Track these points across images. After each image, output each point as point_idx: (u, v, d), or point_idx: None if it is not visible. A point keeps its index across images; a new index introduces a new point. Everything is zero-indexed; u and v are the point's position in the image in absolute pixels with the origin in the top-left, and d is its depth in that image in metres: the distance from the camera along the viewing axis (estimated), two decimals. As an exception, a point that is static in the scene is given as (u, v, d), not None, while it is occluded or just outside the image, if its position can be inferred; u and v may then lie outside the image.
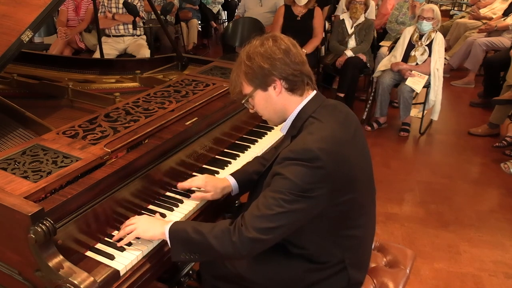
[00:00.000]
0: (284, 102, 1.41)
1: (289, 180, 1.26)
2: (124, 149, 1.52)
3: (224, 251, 1.30)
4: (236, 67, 1.43)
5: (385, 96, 4.21)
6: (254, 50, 1.37)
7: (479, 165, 3.79)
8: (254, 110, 1.48)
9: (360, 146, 1.43)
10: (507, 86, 4.18)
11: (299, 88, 1.40)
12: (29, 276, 1.23)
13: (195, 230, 1.34)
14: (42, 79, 2.37)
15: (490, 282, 2.43)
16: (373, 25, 4.65)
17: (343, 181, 1.31)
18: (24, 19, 1.75)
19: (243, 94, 1.45)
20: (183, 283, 1.88)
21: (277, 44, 1.35)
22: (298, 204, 1.26)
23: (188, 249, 1.35)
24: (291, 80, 1.37)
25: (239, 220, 1.32)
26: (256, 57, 1.35)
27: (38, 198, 1.26)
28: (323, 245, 1.42)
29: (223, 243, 1.30)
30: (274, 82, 1.37)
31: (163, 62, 2.64)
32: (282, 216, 1.27)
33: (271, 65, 1.34)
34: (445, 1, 9.82)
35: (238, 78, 1.43)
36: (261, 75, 1.36)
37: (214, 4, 7.63)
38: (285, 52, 1.35)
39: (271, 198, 1.28)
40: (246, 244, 1.28)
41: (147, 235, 1.38)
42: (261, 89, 1.40)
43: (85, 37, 5.01)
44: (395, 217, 2.99)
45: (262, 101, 1.42)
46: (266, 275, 1.49)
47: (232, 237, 1.29)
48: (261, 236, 1.27)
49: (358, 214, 1.42)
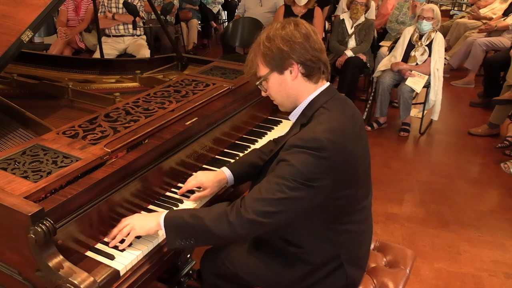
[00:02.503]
0: (298, 88, 1.40)
1: (294, 167, 1.26)
2: (124, 149, 1.52)
3: (220, 232, 1.30)
4: (254, 48, 1.42)
5: (385, 96, 4.21)
6: (274, 32, 1.36)
7: (479, 165, 3.79)
8: (267, 93, 1.47)
9: (364, 143, 1.44)
10: (507, 86, 4.18)
11: (315, 75, 1.39)
12: (29, 276, 1.23)
13: (191, 215, 1.34)
14: (42, 79, 2.37)
15: (490, 282, 2.43)
16: (373, 25, 4.65)
17: (346, 175, 1.32)
18: (24, 19, 1.75)
19: (257, 76, 1.44)
20: (183, 283, 1.88)
21: (298, 29, 1.35)
22: (300, 192, 1.26)
23: (184, 235, 1.34)
24: (308, 65, 1.36)
25: (238, 201, 1.32)
26: (276, 39, 1.35)
27: (38, 198, 1.26)
28: (318, 240, 1.41)
29: (220, 224, 1.30)
30: (291, 66, 1.36)
31: (163, 62, 2.65)
32: (282, 202, 1.27)
33: (290, 48, 1.34)
34: (445, 1, 9.82)
35: (255, 59, 1.42)
36: (279, 57, 1.35)
37: (214, 4, 7.62)
38: (306, 37, 1.35)
39: (274, 183, 1.28)
40: (244, 225, 1.28)
41: (145, 230, 1.38)
42: (277, 71, 1.39)
43: (85, 37, 5.01)
44: (395, 217, 2.99)
45: (277, 84, 1.41)
46: (264, 278, 1.49)
47: (229, 217, 1.29)
48: (259, 219, 1.27)
49: (354, 210, 1.42)
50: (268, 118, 2.30)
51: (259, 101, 2.18)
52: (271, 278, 1.48)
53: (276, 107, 2.32)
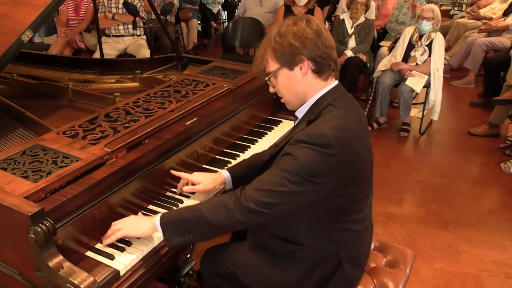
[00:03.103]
0: (307, 85, 1.40)
1: (298, 161, 1.26)
2: (124, 149, 1.52)
3: (218, 220, 1.31)
4: (264, 43, 1.41)
5: (385, 96, 4.21)
6: (286, 28, 1.36)
7: (479, 165, 3.79)
8: (276, 90, 1.46)
9: (368, 145, 1.44)
10: (507, 86, 4.18)
11: (325, 72, 1.39)
12: (29, 276, 1.23)
13: (189, 209, 1.36)
14: (42, 79, 2.37)
15: (490, 282, 2.43)
16: (373, 25, 4.66)
17: (350, 173, 1.32)
18: (24, 19, 1.75)
19: (267, 72, 1.43)
20: (183, 283, 1.88)
21: (310, 25, 1.35)
22: (302, 186, 1.27)
23: (181, 230, 1.34)
24: (319, 62, 1.36)
25: (238, 191, 1.33)
26: (288, 35, 1.34)
27: (38, 198, 1.26)
28: (318, 237, 1.41)
29: (218, 211, 1.31)
30: (302, 62, 1.36)
31: (163, 62, 2.65)
32: (283, 194, 1.28)
33: (301, 44, 1.33)
34: (445, 1, 9.82)
35: (265, 54, 1.41)
36: (290, 53, 1.35)
37: (214, 4, 7.62)
38: (317, 34, 1.34)
39: (276, 175, 1.29)
40: (242, 212, 1.29)
41: (137, 232, 1.38)
42: (287, 67, 1.38)
43: (85, 37, 5.01)
44: (395, 217, 2.99)
45: (286, 81, 1.41)
46: (264, 279, 1.49)
47: (227, 204, 1.30)
48: (258, 209, 1.28)
49: (354, 209, 1.42)
50: (268, 118, 2.30)
51: (259, 101, 2.18)
52: (271, 278, 1.48)
53: (276, 107, 2.35)
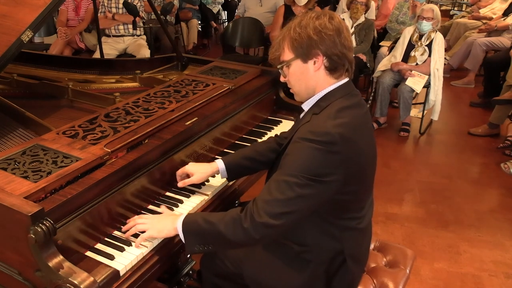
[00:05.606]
0: (318, 80, 1.39)
1: (303, 162, 1.26)
2: (124, 149, 1.52)
3: (236, 239, 1.30)
4: (283, 31, 1.41)
5: (385, 96, 4.21)
6: (308, 20, 1.36)
7: (479, 165, 3.79)
8: (286, 79, 1.46)
9: (373, 144, 1.44)
10: (507, 86, 4.18)
11: (338, 71, 1.38)
12: (29, 276, 1.23)
13: (206, 221, 1.33)
14: (42, 79, 2.37)
15: (490, 282, 2.43)
16: (373, 25, 4.66)
17: (354, 171, 1.32)
18: (24, 19, 1.75)
19: (280, 60, 1.43)
20: (183, 283, 1.88)
21: (332, 22, 1.35)
22: (310, 189, 1.26)
23: (202, 240, 1.35)
24: (333, 60, 1.35)
25: (250, 205, 1.31)
26: (308, 27, 1.34)
27: (38, 198, 1.26)
28: (320, 235, 1.41)
29: (235, 231, 1.29)
30: (316, 57, 1.35)
31: (163, 62, 2.65)
32: (294, 201, 1.27)
33: (320, 39, 1.33)
34: (445, 1, 9.82)
35: (282, 42, 1.41)
36: (306, 45, 1.35)
37: (214, 4, 7.63)
38: (337, 32, 1.34)
39: (284, 182, 1.28)
40: (258, 229, 1.28)
41: (162, 234, 1.38)
42: (301, 59, 1.38)
43: (85, 37, 5.01)
44: (395, 217, 2.99)
45: (298, 72, 1.40)
46: (265, 279, 1.49)
47: (243, 223, 1.29)
48: (273, 221, 1.26)
49: (356, 207, 1.43)
50: (268, 118, 2.30)
51: (259, 101, 2.18)
52: (273, 280, 1.48)
53: (276, 107, 2.35)
